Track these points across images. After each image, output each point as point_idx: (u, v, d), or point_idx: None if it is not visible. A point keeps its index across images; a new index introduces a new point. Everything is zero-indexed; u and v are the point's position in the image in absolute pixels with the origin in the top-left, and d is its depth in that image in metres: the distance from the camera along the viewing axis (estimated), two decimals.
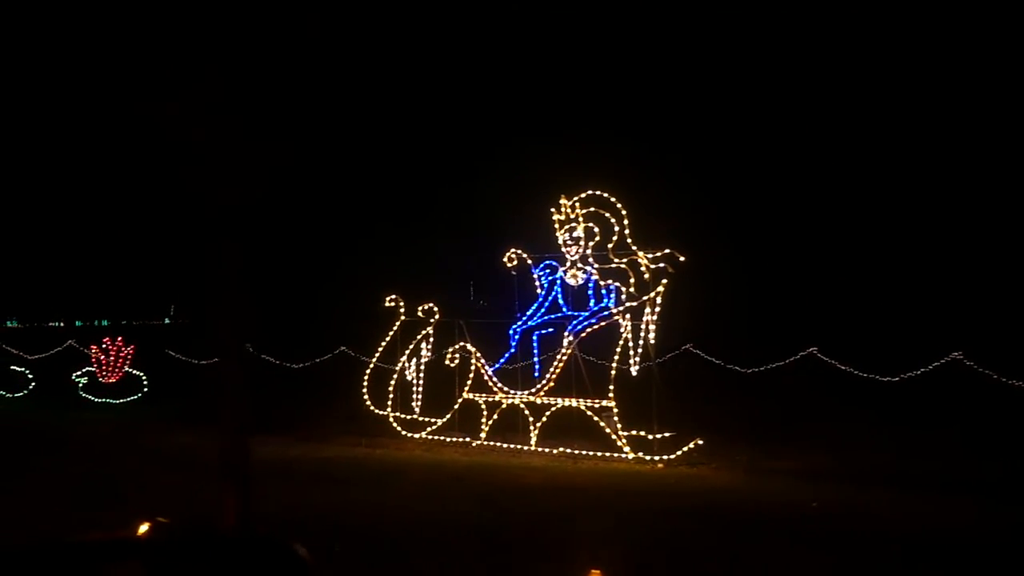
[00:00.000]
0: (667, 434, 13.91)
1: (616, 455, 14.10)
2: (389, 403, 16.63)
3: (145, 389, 21.49)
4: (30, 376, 23.02)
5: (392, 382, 16.61)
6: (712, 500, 10.74)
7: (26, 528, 8.43)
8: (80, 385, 21.86)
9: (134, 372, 21.74)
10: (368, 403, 16.89)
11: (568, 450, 14.62)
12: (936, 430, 15.55)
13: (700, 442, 13.63)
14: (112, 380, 21.61)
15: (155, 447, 15.76)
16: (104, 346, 21.76)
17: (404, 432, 16.37)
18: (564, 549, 8.39)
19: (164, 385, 22.37)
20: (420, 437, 16.20)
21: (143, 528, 4.30)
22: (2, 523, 8.94)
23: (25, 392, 22.91)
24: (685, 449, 13.62)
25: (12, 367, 23.54)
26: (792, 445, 14.79)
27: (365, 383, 16.95)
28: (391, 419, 16.59)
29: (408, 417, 16.50)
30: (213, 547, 3.92)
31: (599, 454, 14.28)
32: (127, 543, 3.92)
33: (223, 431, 6.67)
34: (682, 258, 13.59)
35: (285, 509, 9.86)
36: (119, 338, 21.82)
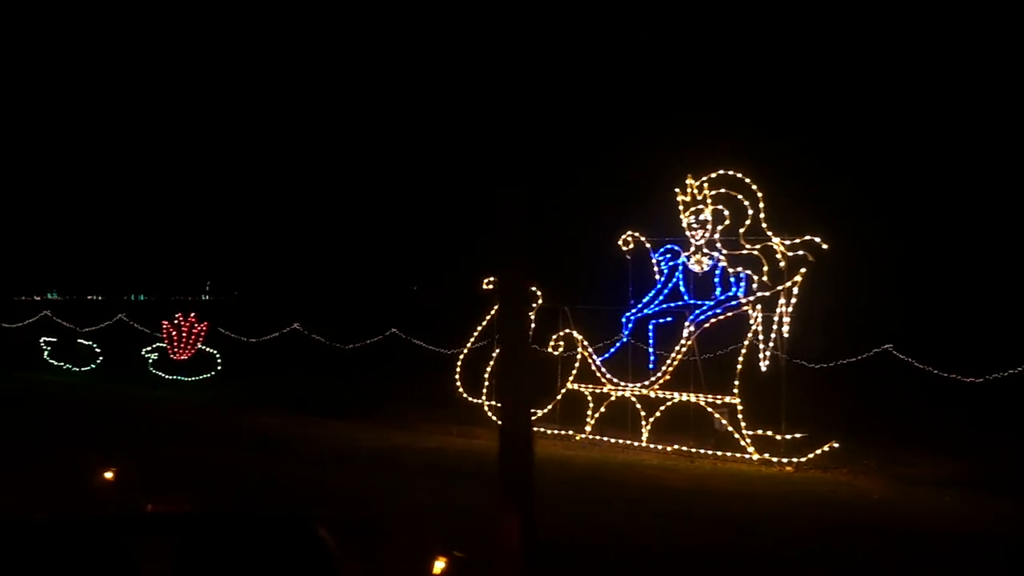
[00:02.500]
0: (798, 435, 12.92)
1: (738, 455, 13.13)
2: (484, 391, 15.77)
3: (219, 367, 20.79)
4: (97, 350, 22.45)
5: (487, 370, 15.74)
6: (892, 516, 9.65)
7: None
8: (150, 361, 21.23)
9: (207, 350, 21.05)
10: (460, 390, 16.05)
11: (683, 448, 13.68)
12: None
13: (836, 445, 12.62)
14: (184, 357, 20.94)
15: (262, 432, 14.86)
16: (176, 322, 21.09)
17: (500, 422, 15.47)
18: (781, 568, 7.44)
19: (228, 363, 21.67)
20: None
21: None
22: None
23: (93, 366, 22.34)
24: (819, 452, 12.62)
25: (79, 340, 22.99)
26: (906, 448, 13.70)
27: (458, 369, 16.11)
28: (486, 407, 15.73)
29: None
30: (236, 524, 4.10)
31: (718, 453, 13.32)
32: (152, 519, 4.12)
33: (506, 441, 5.71)
34: (825, 246, 12.57)
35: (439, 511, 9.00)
36: (192, 314, 21.14)
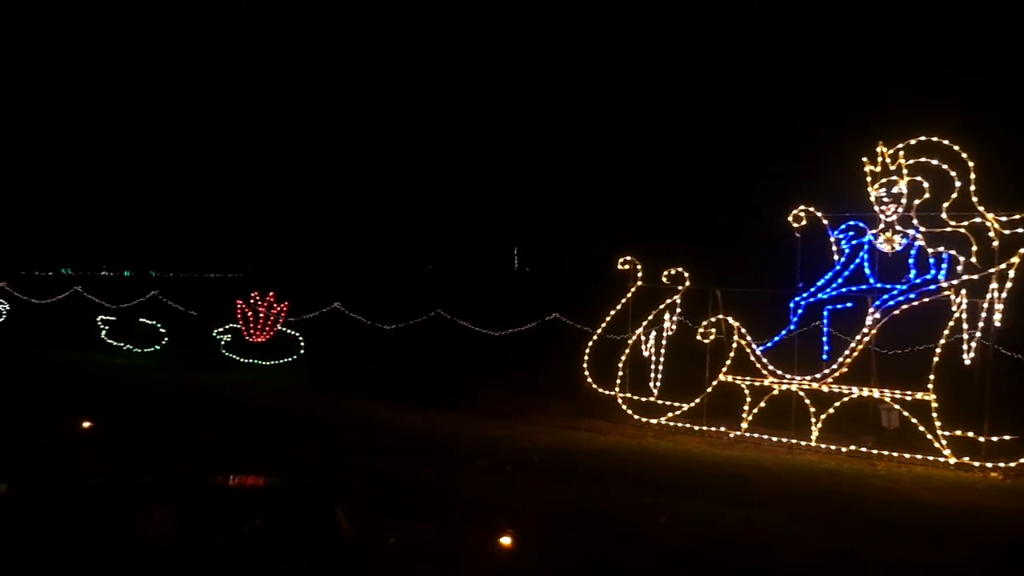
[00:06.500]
0: (1007, 437, 11.45)
1: (929, 458, 11.67)
2: (618, 382, 14.31)
3: (302, 351, 19.24)
4: (162, 330, 20.93)
5: (622, 358, 14.28)
6: None
7: None
8: (223, 343, 19.71)
9: (289, 332, 19.49)
10: (589, 380, 14.59)
11: (861, 449, 12.20)
12: None
13: None
14: (261, 340, 19.39)
15: (389, 427, 13.21)
16: (252, 301, 19.54)
17: (636, 416, 14.04)
18: None
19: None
20: (656, 423, 13.86)
21: None
22: None
23: (157, 348, 20.82)
24: None
25: (141, 319, 21.48)
26: None
27: (586, 357, 14.65)
28: (619, 400, 14.27)
29: (642, 399, 14.15)
30: (246, 493, 4.47)
31: (905, 456, 11.86)
32: (161, 487, 4.45)
33: None
34: None
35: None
36: (270, 293, 19.58)
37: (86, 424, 11.01)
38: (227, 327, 19.71)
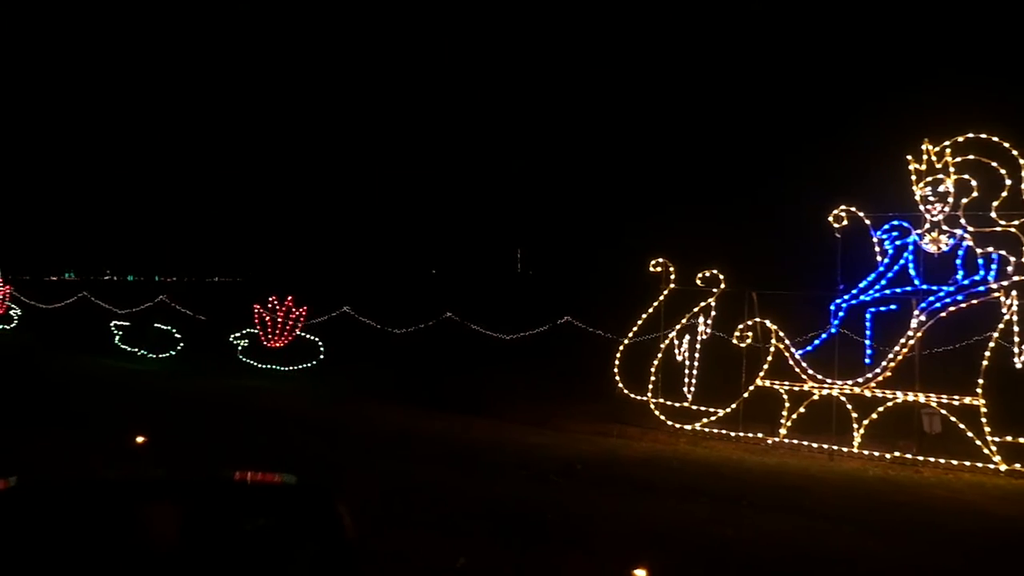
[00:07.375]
0: None
1: (978, 464, 11.31)
2: (650, 387, 13.97)
3: (321, 356, 18.90)
4: (178, 336, 20.60)
5: (655, 363, 13.94)
6: None
7: None
8: (239, 348, 19.37)
9: (307, 336, 19.14)
10: (620, 385, 14.26)
11: (906, 455, 11.84)
12: None
13: None
14: (279, 344, 19.06)
15: (425, 436, 12.66)
16: (270, 306, 19.20)
17: (670, 422, 13.69)
18: None
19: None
20: (690, 429, 13.51)
21: None
22: None
23: (172, 353, 20.50)
24: None
25: (156, 324, 21.17)
26: None
27: (617, 362, 14.32)
28: (652, 406, 13.93)
29: (675, 405, 13.81)
30: (252, 489, 4.36)
31: (952, 462, 11.50)
32: (160, 483, 4.40)
33: None
34: None
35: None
36: (288, 297, 19.23)
37: (139, 439, 10.55)
38: (244, 332, 19.38)
